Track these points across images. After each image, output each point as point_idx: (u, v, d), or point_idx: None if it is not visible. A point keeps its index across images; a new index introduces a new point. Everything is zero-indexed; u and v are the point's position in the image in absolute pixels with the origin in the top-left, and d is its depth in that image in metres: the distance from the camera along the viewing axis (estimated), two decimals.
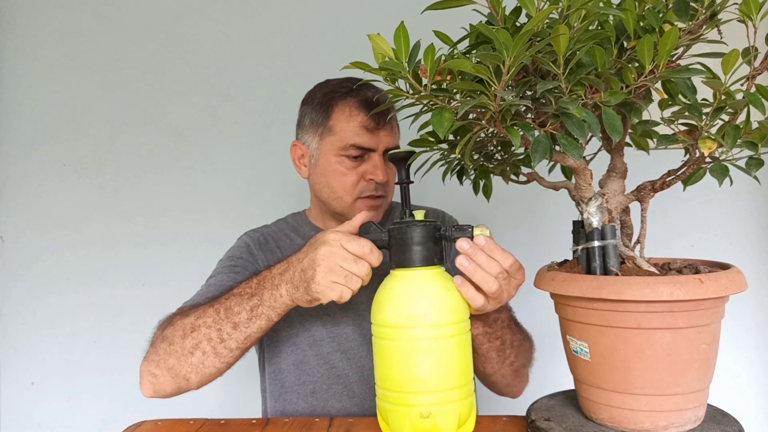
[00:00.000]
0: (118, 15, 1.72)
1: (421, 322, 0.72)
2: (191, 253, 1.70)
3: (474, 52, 0.66)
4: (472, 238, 0.76)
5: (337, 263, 0.77)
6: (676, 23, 0.61)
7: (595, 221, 0.72)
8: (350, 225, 0.83)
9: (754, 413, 1.60)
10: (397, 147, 1.09)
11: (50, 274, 1.72)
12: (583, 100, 0.62)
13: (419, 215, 0.78)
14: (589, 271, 0.71)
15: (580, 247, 0.72)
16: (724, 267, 0.71)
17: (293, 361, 1.04)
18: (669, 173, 0.73)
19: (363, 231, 0.83)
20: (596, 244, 0.71)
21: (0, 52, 1.73)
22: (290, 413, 1.04)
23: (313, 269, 0.77)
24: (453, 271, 0.79)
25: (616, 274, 0.70)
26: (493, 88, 0.58)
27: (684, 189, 0.76)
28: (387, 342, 0.74)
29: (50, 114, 1.73)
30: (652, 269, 0.72)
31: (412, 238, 0.75)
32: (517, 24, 0.66)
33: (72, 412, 1.71)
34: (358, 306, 1.07)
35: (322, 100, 1.04)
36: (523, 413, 0.82)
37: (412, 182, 0.82)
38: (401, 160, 0.80)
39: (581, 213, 0.73)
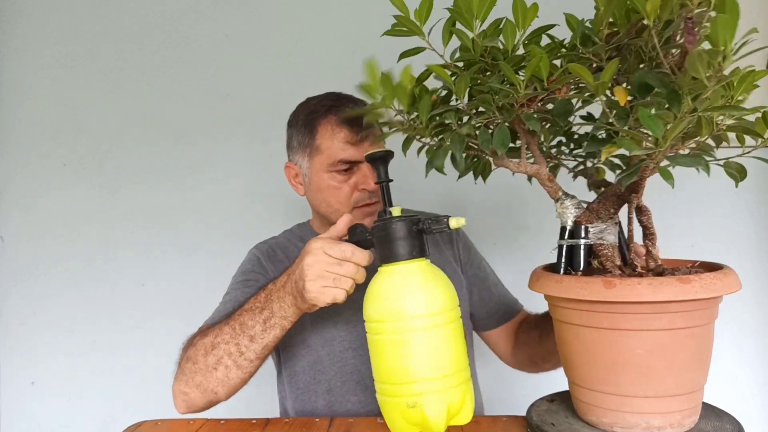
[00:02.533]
0: (118, 15, 1.72)
1: (404, 314, 0.74)
2: (191, 253, 1.70)
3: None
4: (448, 228, 0.78)
5: (323, 269, 0.81)
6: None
7: (568, 221, 0.75)
8: (335, 229, 0.87)
9: (754, 414, 1.61)
10: None
11: (50, 274, 1.72)
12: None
13: (396, 212, 0.81)
14: (555, 269, 0.75)
15: (555, 247, 0.76)
16: (716, 269, 0.69)
17: (308, 363, 1.09)
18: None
19: (351, 232, 0.85)
20: (563, 243, 0.75)
21: (0, 52, 1.73)
22: (310, 411, 1.09)
23: (302, 279, 0.82)
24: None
25: (575, 274, 0.72)
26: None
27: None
28: (375, 336, 0.77)
29: (50, 114, 1.72)
30: (615, 269, 0.72)
31: (393, 234, 0.78)
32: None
33: (72, 412, 1.71)
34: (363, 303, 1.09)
35: (305, 121, 1.09)
36: (523, 413, 0.82)
37: (392, 180, 0.85)
38: (378, 160, 0.84)
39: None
